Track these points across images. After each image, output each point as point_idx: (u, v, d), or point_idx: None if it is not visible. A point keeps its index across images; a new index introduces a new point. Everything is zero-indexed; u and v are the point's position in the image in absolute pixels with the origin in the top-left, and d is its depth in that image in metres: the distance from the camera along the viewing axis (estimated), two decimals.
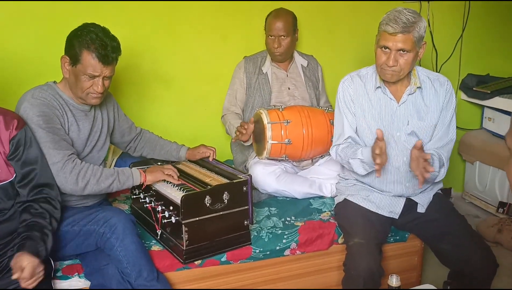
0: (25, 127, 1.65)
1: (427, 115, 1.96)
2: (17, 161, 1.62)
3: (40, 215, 1.64)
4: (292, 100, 2.57)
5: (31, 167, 1.65)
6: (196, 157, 2.22)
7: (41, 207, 1.65)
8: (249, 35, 2.75)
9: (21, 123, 1.64)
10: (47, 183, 1.69)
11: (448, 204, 2.08)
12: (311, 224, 2.12)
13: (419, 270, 2.26)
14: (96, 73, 1.77)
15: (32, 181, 1.65)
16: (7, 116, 1.62)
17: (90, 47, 1.73)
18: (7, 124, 1.59)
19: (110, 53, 1.76)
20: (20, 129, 1.62)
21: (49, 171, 1.72)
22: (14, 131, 1.60)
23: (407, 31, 1.78)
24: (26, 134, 1.64)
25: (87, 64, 1.75)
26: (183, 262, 1.84)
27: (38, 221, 1.62)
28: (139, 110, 2.66)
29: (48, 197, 1.68)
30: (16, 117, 1.64)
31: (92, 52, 1.74)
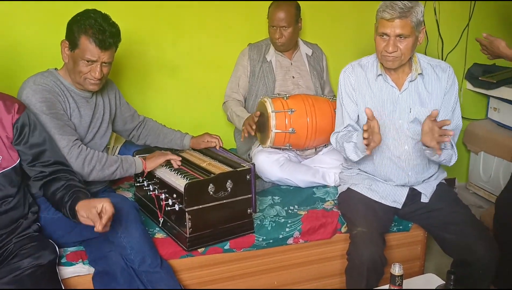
0: (27, 110, 1.64)
1: (430, 101, 1.95)
2: (25, 144, 1.61)
3: (72, 179, 1.65)
4: (296, 89, 2.55)
5: (41, 149, 1.64)
6: (201, 146, 2.22)
7: (69, 174, 1.67)
8: (253, 23, 2.72)
9: (22, 106, 1.63)
10: (61, 162, 1.69)
11: (452, 194, 2.07)
12: (314, 213, 2.12)
13: (422, 259, 2.26)
14: (94, 58, 1.76)
15: (46, 161, 1.65)
16: (7, 100, 1.61)
17: (88, 32, 1.73)
18: (8, 109, 1.58)
19: (108, 38, 1.75)
20: (22, 113, 1.61)
21: (59, 151, 1.72)
22: (16, 115, 1.59)
23: (404, 16, 1.77)
24: (29, 117, 1.63)
25: (84, 48, 1.75)
26: (187, 249, 1.85)
27: (73, 183, 1.64)
28: (143, 99, 2.66)
29: (69, 169, 1.70)
30: (17, 101, 1.64)
31: (90, 36, 1.73)
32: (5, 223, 1.62)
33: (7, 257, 1.60)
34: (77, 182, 1.66)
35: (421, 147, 1.85)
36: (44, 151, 1.65)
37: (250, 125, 2.28)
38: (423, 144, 1.79)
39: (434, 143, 1.72)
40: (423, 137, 1.76)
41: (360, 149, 1.87)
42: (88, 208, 1.49)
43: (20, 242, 1.63)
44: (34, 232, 1.68)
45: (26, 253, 1.58)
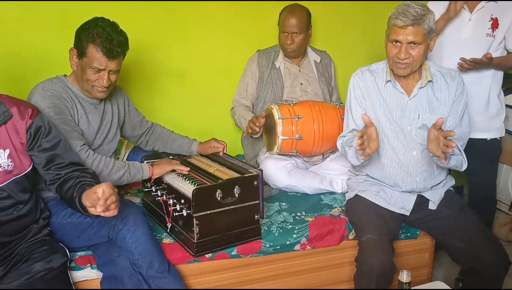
0: (40, 114, 1.65)
1: (439, 108, 1.95)
2: (38, 148, 1.62)
3: (84, 177, 1.63)
4: (304, 96, 2.56)
5: (54, 152, 1.64)
6: (208, 151, 2.23)
7: (81, 172, 1.64)
8: (261, 29, 2.74)
9: (35, 111, 1.64)
10: (76, 162, 1.69)
11: (460, 201, 2.06)
12: (321, 219, 2.12)
13: (430, 267, 2.25)
14: (101, 66, 1.78)
15: (61, 163, 1.64)
16: (21, 106, 1.62)
17: (96, 40, 1.75)
18: (22, 114, 1.60)
19: (116, 47, 1.77)
20: (35, 117, 1.62)
21: (73, 152, 1.72)
22: (30, 120, 1.60)
23: (417, 23, 1.78)
24: (42, 120, 1.64)
25: (92, 57, 1.77)
26: (194, 255, 1.86)
27: (85, 179, 1.61)
28: (151, 105, 2.68)
29: (83, 168, 1.68)
30: (30, 106, 1.65)
31: (98, 45, 1.75)
32: (17, 229, 1.64)
33: (19, 261, 1.61)
34: (88, 177, 1.63)
35: (429, 153, 1.84)
36: (58, 154, 1.65)
37: (254, 122, 2.29)
38: (430, 152, 1.79)
39: (440, 152, 1.72)
40: (429, 145, 1.77)
41: (360, 154, 1.87)
42: (90, 195, 1.47)
43: (32, 246, 1.64)
44: (45, 237, 1.70)
45: (37, 257, 1.60)
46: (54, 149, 1.65)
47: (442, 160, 1.73)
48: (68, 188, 1.61)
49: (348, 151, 1.95)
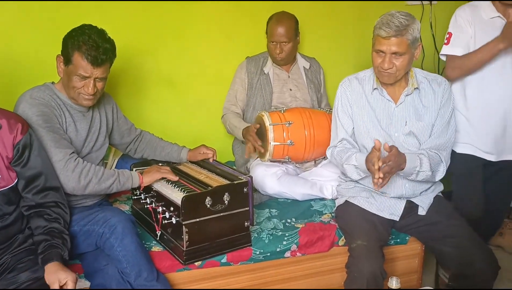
0: (30, 130, 1.64)
1: (425, 115, 1.97)
2: (23, 167, 1.60)
3: (55, 220, 1.64)
4: (294, 102, 2.56)
5: (37, 171, 1.63)
6: (198, 157, 2.22)
7: (54, 211, 1.65)
8: (254, 36, 2.74)
9: (25, 127, 1.63)
10: (53, 187, 1.68)
11: (449, 206, 2.07)
12: (311, 226, 2.12)
13: (420, 273, 2.25)
14: (87, 74, 1.77)
15: (39, 186, 1.64)
16: (11, 119, 1.60)
17: (81, 48, 1.74)
18: (11, 128, 1.58)
19: (101, 54, 1.76)
20: (25, 134, 1.60)
21: (55, 175, 1.72)
22: (20, 135, 1.59)
23: (400, 34, 1.80)
24: (31, 138, 1.63)
25: (77, 65, 1.76)
26: (183, 263, 1.84)
27: (55, 227, 1.62)
28: (141, 112, 2.66)
29: (57, 201, 1.68)
30: (20, 121, 1.63)
31: (83, 53, 1.74)
32: (2, 239, 1.61)
33: (4, 271, 1.59)
34: (61, 223, 1.64)
35: None
36: (39, 175, 1.64)
37: (256, 141, 2.30)
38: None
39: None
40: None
41: (361, 169, 1.89)
42: (52, 277, 1.49)
43: (17, 256, 1.62)
44: (31, 246, 1.67)
45: (23, 266, 1.58)
46: (37, 169, 1.64)
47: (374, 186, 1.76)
48: (37, 227, 1.62)
49: (347, 168, 1.97)
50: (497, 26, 2.11)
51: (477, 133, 2.22)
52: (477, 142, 2.23)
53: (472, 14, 2.17)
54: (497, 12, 2.14)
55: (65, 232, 1.64)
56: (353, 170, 1.95)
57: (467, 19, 2.17)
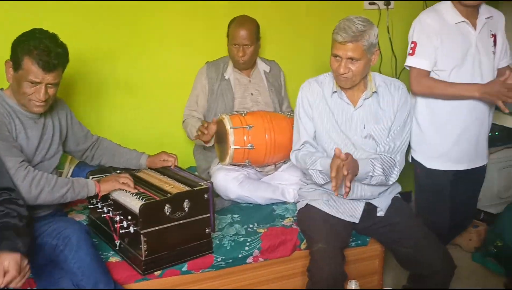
0: None
1: (383, 118, 2.00)
2: None
3: (7, 215, 1.55)
4: (255, 106, 2.56)
5: None
6: (157, 165, 2.18)
7: (6, 207, 1.56)
8: (213, 40, 2.72)
9: None
10: (6, 187, 1.60)
11: (407, 208, 2.11)
12: (273, 230, 2.11)
13: (380, 273, 2.28)
14: (37, 79, 1.71)
15: None
16: None
17: (32, 53, 1.68)
18: None
19: (53, 59, 1.70)
20: None
21: (7, 176, 1.63)
22: None
23: (355, 40, 1.82)
24: None
25: (28, 70, 1.70)
26: (142, 273, 1.80)
27: (7, 221, 1.53)
28: (98, 118, 2.59)
29: (10, 197, 1.60)
30: None
31: (34, 58, 1.68)
32: None
33: None
34: (15, 217, 1.56)
35: None
36: None
37: (204, 125, 2.28)
38: None
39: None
40: None
41: (326, 174, 1.90)
42: None
43: None
44: None
45: None
46: None
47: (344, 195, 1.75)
48: None
49: (312, 173, 1.97)
50: (463, 32, 2.09)
51: (447, 144, 2.18)
52: (448, 154, 2.19)
53: (436, 19, 2.10)
54: (462, 17, 2.09)
55: (17, 225, 1.54)
56: (318, 175, 1.96)
57: (433, 26, 2.09)
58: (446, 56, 2.10)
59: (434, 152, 2.21)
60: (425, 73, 2.13)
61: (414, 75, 2.15)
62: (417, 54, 2.12)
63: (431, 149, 2.22)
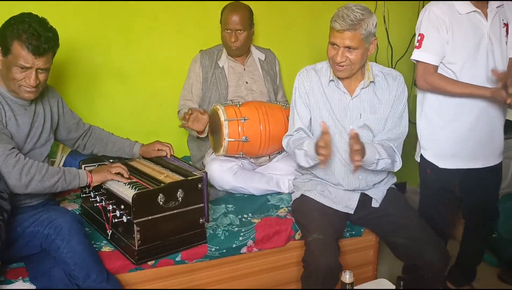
0: None
1: (380, 108, 1.98)
2: None
3: None
4: (250, 94, 2.53)
5: None
6: (151, 154, 2.15)
7: None
8: (206, 28, 2.69)
9: None
10: None
11: (402, 199, 2.11)
12: (268, 220, 2.10)
13: (375, 264, 2.29)
14: (28, 64, 1.68)
15: None
16: None
17: (21, 37, 1.65)
18: None
19: (43, 43, 1.67)
20: None
21: None
22: None
23: (353, 28, 1.79)
24: None
25: (17, 54, 1.66)
26: (135, 262, 1.78)
27: None
28: (90, 106, 2.56)
29: None
30: None
31: (23, 42, 1.65)
32: None
33: None
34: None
35: None
36: None
37: (189, 112, 2.26)
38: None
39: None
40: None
41: (310, 157, 1.88)
42: None
43: None
44: None
45: None
46: None
47: (353, 170, 1.81)
48: None
49: (297, 153, 1.95)
50: (474, 23, 1.99)
51: (459, 140, 2.10)
52: (460, 151, 2.10)
53: (446, 10, 1.98)
54: (473, 7, 1.98)
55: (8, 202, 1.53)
56: (303, 157, 1.92)
57: (442, 17, 1.97)
58: (458, 49, 2.00)
59: (446, 149, 2.12)
60: (432, 68, 2.03)
61: (420, 71, 2.06)
62: (424, 47, 2.02)
63: (442, 146, 2.13)
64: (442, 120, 2.11)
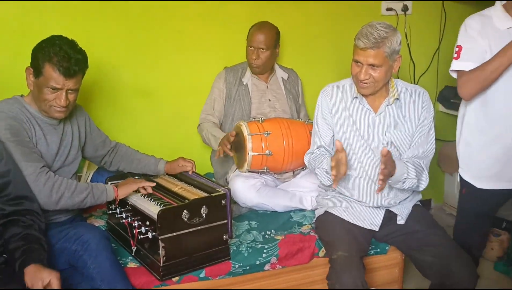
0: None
1: (405, 125, 1.97)
2: None
3: (31, 227, 1.57)
4: (272, 112, 2.55)
5: (5, 180, 1.58)
6: (176, 170, 2.18)
7: (28, 219, 1.59)
8: (229, 47, 2.73)
9: None
10: (25, 196, 1.63)
11: (428, 215, 2.07)
12: (291, 237, 2.09)
13: (400, 282, 2.24)
14: (58, 85, 1.73)
15: (10, 195, 1.58)
16: None
17: (53, 59, 1.71)
18: None
19: (73, 65, 1.73)
20: None
21: (26, 184, 1.65)
22: None
23: (377, 46, 1.80)
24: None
25: (49, 76, 1.72)
26: (160, 279, 1.79)
27: (32, 233, 1.56)
28: (116, 124, 2.61)
29: (30, 209, 1.62)
30: None
31: (54, 64, 1.71)
32: None
33: None
34: (36, 230, 1.59)
35: None
36: (8, 183, 1.59)
37: (225, 144, 2.26)
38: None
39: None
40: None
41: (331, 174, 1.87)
42: (35, 278, 1.44)
43: None
44: (1, 265, 1.60)
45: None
46: (5, 177, 1.58)
47: (377, 190, 1.78)
48: (12, 235, 1.55)
49: (318, 172, 1.95)
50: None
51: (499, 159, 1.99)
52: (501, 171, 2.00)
53: (484, 24, 1.92)
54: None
55: (42, 239, 1.58)
56: (324, 174, 1.92)
57: (478, 30, 1.92)
58: None
59: (484, 169, 2.02)
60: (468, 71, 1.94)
61: (461, 81, 1.96)
62: (462, 57, 1.94)
63: (480, 165, 2.03)
64: (483, 140, 2.01)
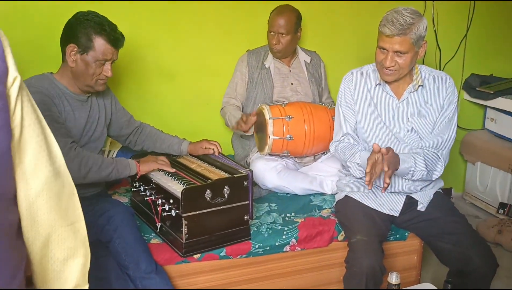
0: None
1: (428, 112, 1.95)
2: None
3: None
4: (295, 96, 2.55)
5: None
6: (199, 152, 2.20)
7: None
8: (253, 29, 2.73)
9: None
10: None
11: (449, 203, 2.06)
12: (311, 220, 2.11)
13: (419, 269, 2.25)
14: (108, 57, 1.79)
15: None
16: None
17: (102, 32, 1.75)
18: None
19: (120, 36, 1.80)
20: None
21: None
22: None
23: (403, 33, 1.77)
24: None
25: (100, 49, 1.77)
26: (182, 255, 1.84)
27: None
28: (140, 104, 2.65)
29: None
30: None
31: (106, 36, 1.76)
32: None
33: None
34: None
35: None
36: None
37: (243, 120, 2.30)
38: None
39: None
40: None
41: (364, 168, 1.87)
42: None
43: None
44: None
45: None
46: None
47: (382, 190, 1.77)
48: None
49: (350, 165, 1.97)
50: None
51: None
52: None
53: None
54: None
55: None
56: (356, 168, 1.94)
57: None
58: None
59: None
60: None
61: None
62: None
63: None
64: None
